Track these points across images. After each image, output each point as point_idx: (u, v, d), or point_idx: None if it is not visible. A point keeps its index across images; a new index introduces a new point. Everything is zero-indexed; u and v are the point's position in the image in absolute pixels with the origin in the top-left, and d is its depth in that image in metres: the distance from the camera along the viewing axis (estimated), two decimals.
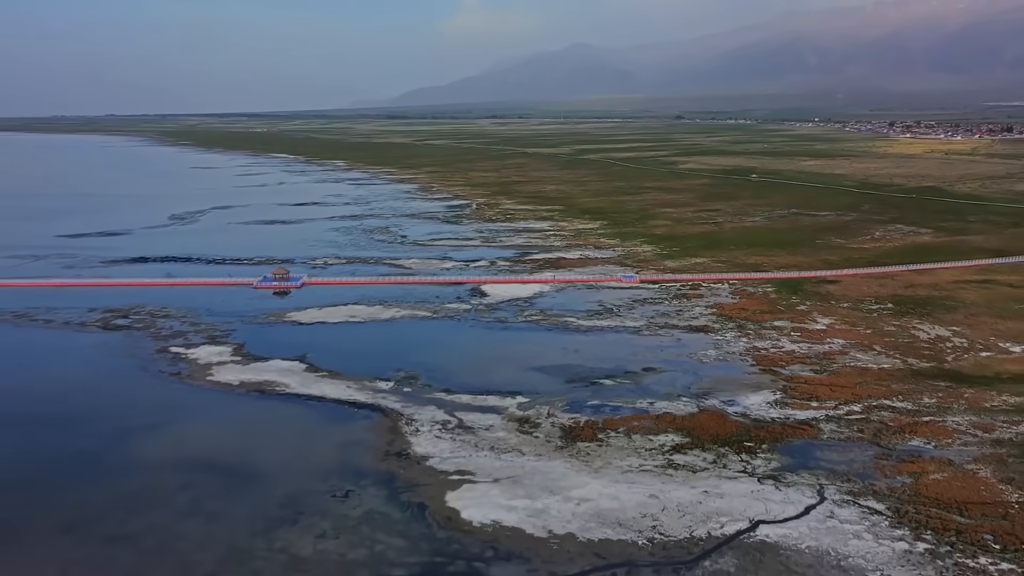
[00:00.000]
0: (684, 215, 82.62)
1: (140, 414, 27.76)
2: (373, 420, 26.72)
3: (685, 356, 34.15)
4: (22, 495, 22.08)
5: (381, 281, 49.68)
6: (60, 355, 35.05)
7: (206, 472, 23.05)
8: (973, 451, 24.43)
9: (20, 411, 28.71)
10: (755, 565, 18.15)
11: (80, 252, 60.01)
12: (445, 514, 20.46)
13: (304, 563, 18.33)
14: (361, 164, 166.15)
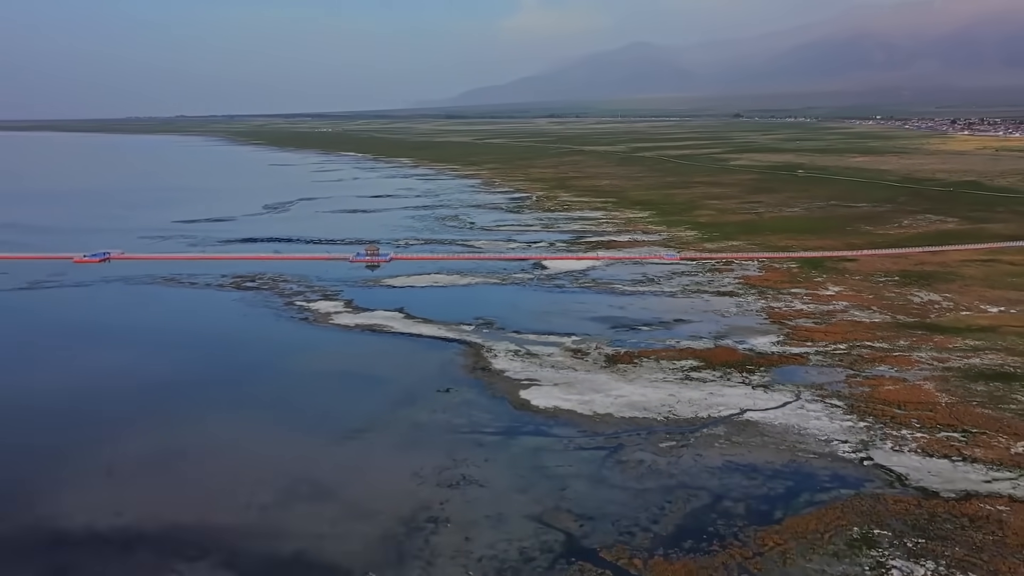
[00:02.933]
0: (728, 206, 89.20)
1: (287, 343, 36.55)
2: (461, 349, 34.90)
3: (710, 312, 41.55)
4: (211, 390, 30.80)
5: (456, 257, 58.08)
6: (211, 305, 44.19)
7: (346, 376, 31.56)
8: (925, 374, 31.40)
9: (198, 340, 37.80)
10: (739, 431, 25.68)
11: (196, 234, 69.92)
12: (519, 402, 28.46)
13: (423, 426, 26.44)
14: (426, 161, 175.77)
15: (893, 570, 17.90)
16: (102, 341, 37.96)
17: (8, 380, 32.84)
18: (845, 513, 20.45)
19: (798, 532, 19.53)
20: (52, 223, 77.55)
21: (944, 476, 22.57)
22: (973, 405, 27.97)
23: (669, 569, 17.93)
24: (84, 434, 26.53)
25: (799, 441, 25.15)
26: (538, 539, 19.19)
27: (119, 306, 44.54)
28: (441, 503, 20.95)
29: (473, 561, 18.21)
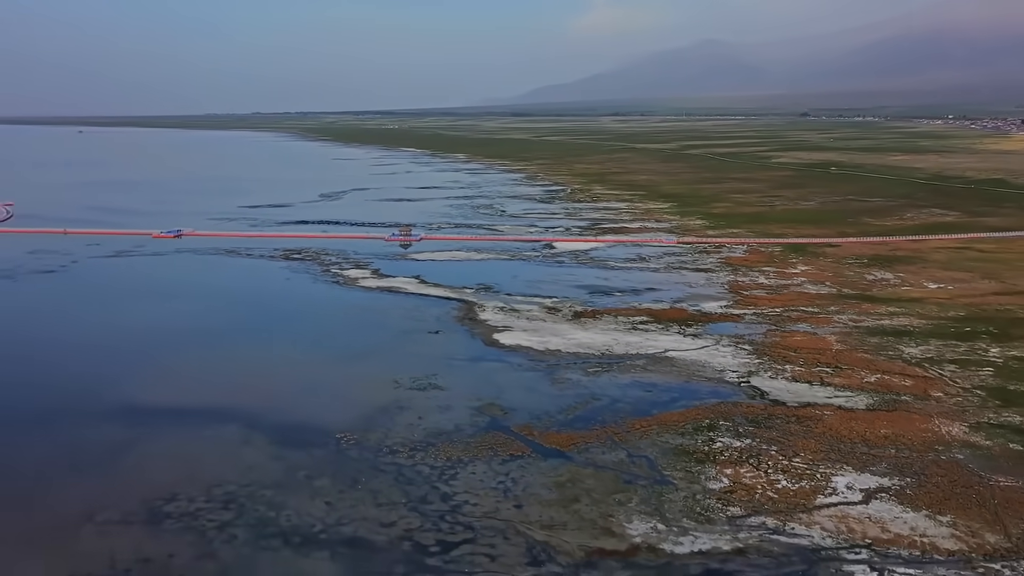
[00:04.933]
0: (747, 199, 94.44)
1: (318, 298, 44.77)
2: (458, 305, 42.39)
3: (681, 283, 48.08)
4: (255, 328, 38.96)
5: (478, 238, 65.65)
6: (262, 271, 52.74)
7: (361, 322, 39.48)
8: (835, 330, 37.46)
9: (249, 295, 46.36)
10: (654, 363, 32.46)
11: (258, 216, 79.19)
12: (491, 341, 35.79)
13: (411, 354, 33.99)
14: (479, 157, 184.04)
15: (717, 442, 24.62)
16: (172, 294, 46.85)
17: (101, 318, 41.64)
18: (704, 412, 27.18)
19: (662, 421, 26.36)
20: (136, 206, 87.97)
21: (797, 394, 29.02)
22: (857, 351, 34.08)
23: (556, 437, 25.02)
24: (159, 352, 34.99)
25: (699, 370, 31.82)
26: (471, 420, 26.50)
27: (187, 270, 53.54)
28: (408, 398, 28.45)
29: (419, 430, 25.63)
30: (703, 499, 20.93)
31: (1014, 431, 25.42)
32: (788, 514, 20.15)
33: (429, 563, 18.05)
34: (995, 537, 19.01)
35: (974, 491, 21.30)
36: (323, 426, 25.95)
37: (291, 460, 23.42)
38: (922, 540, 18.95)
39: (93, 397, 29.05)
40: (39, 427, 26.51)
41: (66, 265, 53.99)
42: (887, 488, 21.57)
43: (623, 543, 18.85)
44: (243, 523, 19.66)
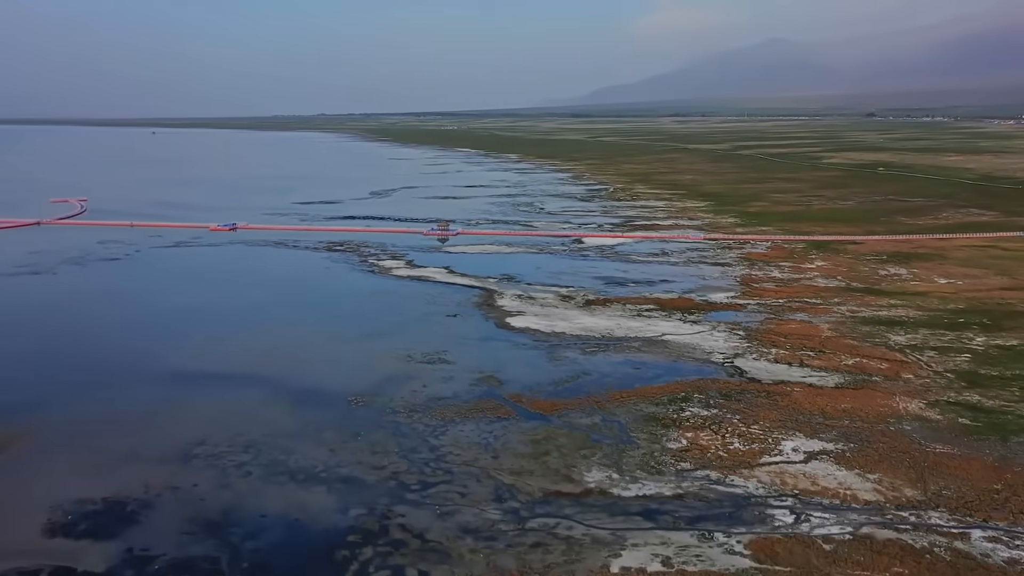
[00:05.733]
0: (786, 199, 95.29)
1: (353, 284, 48.45)
2: (479, 292, 45.48)
3: (696, 276, 50.26)
4: (294, 307, 42.71)
5: (511, 233, 68.69)
6: (305, 260, 56.74)
7: (388, 304, 42.82)
8: (831, 319, 39.32)
9: (291, 280, 50.35)
10: (649, 345, 34.96)
11: (309, 212, 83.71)
12: (503, 323, 38.73)
13: (428, 333, 37.11)
14: (531, 157, 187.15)
15: (687, 411, 27.13)
16: (220, 279, 51.18)
17: (155, 298, 45.93)
18: (682, 386, 29.67)
19: (641, 392, 28.97)
20: (199, 202, 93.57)
21: (774, 373, 31.24)
22: (845, 338, 35.98)
23: (542, 403, 27.86)
24: (203, 326, 39.02)
25: (688, 351, 34.24)
26: (468, 389, 29.53)
27: (238, 258, 57.93)
28: (417, 370, 31.63)
29: (421, 396, 28.77)
30: (659, 456, 23.57)
31: (967, 407, 27.30)
32: (732, 469, 22.65)
33: (408, 497, 21.13)
34: (913, 492, 21.22)
35: (908, 456, 23.44)
36: (338, 391, 29.30)
37: (305, 417, 26.81)
38: (845, 492, 21.27)
39: (145, 363, 33.04)
40: (98, 387, 30.47)
41: (130, 254, 58.94)
42: (829, 451, 23.86)
43: (578, 487, 21.64)
44: (257, 463, 23.05)
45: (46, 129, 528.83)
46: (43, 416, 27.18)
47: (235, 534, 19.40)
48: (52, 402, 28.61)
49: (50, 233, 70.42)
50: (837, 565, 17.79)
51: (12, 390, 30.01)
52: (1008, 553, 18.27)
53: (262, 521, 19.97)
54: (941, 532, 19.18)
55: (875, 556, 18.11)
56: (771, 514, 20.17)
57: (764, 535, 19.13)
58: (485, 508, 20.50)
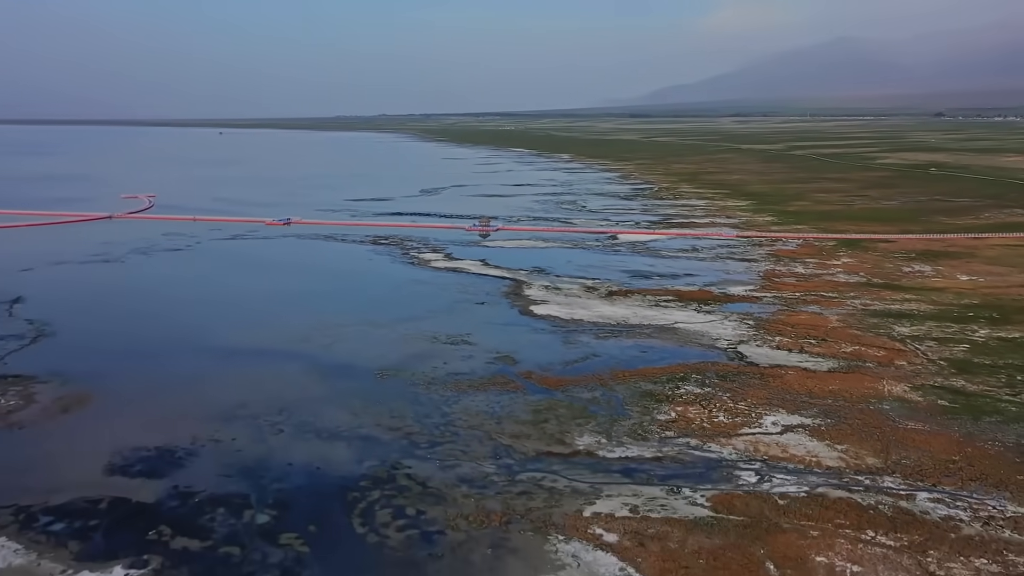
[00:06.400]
0: (829, 199, 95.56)
1: (393, 274, 51.61)
2: (509, 282, 48.15)
3: (720, 270, 52.03)
4: (338, 294, 46.00)
5: (549, 229, 71.20)
6: (351, 252, 60.25)
7: (422, 292, 45.76)
8: (841, 312, 40.82)
9: (337, 270, 53.81)
10: (660, 331, 37.12)
11: (359, 208, 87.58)
12: (527, 311, 41.28)
13: (455, 318, 39.87)
14: (582, 157, 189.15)
15: (682, 389, 29.33)
16: (271, 268, 54.88)
17: (211, 284, 49.74)
18: (682, 367, 31.82)
19: (643, 372, 31.23)
20: (258, 198, 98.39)
21: (773, 358, 33.13)
22: (851, 328, 37.54)
23: (549, 379, 30.35)
24: (252, 307, 42.57)
25: (696, 338, 36.31)
26: (484, 366, 32.20)
27: (288, 250, 61.78)
28: (440, 350, 34.42)
29: (441, 371, 31.54)
30: (647, 425, 25.90)
31: (949, 391, 28.89)
32: (711, 438, 24.86)
33: (416, 453, 23.92)
34: (874, 460, 23.15)
35: (879, 430, 25.30)
36: (367, 366, 32.29)
37: (336, 387, 29.85)
38: (810, 459, 23.31)
39: (198, 339, 36.62)
40: (156, 359, 34.07)
41: (191, 245, 63.32)
42: (805, 425, 25.86)
43: (568, 448, 24.15)
44: (289, 423, 26.14)
45: (123, 130, 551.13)
46: (106, 382, 30.77)
47: (265, 477, 22.43)
48: (114, 371, 32.24)
49: (120, 226, 75.51)
50: (786, 516, 19.96)
51: (80, 360, 33.74)
52: (946, 512, 20.17)
53: (288, 468, 22.98)
54: (890, 493, 21.15)
55: (822, 510, 20.21)
56: (737, 475, 22.37)
57: (726, 491, 21.37)
58: (482, 463, 23.16)
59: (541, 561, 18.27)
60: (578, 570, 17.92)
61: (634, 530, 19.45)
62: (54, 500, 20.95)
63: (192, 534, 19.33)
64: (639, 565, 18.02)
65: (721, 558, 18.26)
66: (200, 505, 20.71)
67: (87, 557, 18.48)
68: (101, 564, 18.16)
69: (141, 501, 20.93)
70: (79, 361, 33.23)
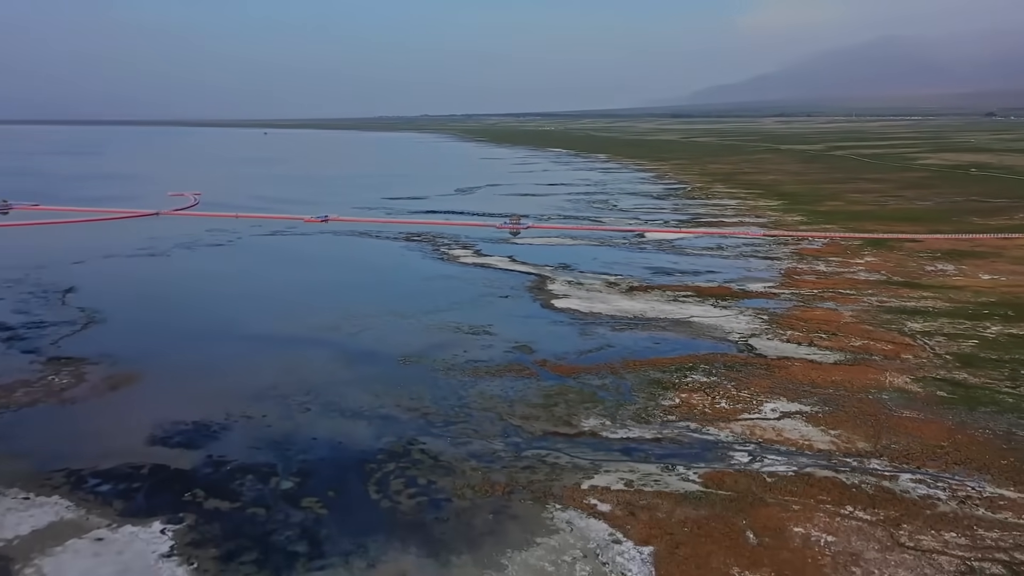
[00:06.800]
0: (863, 199, 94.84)
1: (423, 269, 53.37)
2: (534, 277, 49.60)
3: (742, 268, 52.79)
4: (369, 286, 47.98)
5: (578, 227, 72.38)
6: (384, 248, 62.23)
7: (449, 286, 47.50)
8: (856, 308, 41.48)
9: (370, 264, 55.75)
10: (675, 325, 38.30)
11: (395, 207, 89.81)
12: (548, 304, 42.72)
13: (479, 310, 41.50)
14: (619, 157, 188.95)
15: (689, 378, 30.61)
16: (307, 262, 57.07)
17: (249, 276, 52.12)
18: (693, 358, 33.01)
19: (654, 362, 32.50)
20: (298, 196, 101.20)
21: (782, 351, 34.14)
22: (863, 324, 38.26)
23: (562, 367, 31.78)
24: (287, 298, 44.64)
25: (710, 331, 37.42)
26: (502, 354, 33.78)
27: (324, 245, 64.11)
28: (462, 339, 36.07)
29: (461, 358, 33.21)
30: (651, 410, 27.29)
31: (950, 383, 29.71)
32: (710, 422, 26.16)
33: (432, 431, 25.63)
34: (864, 444, 24.27)
35: (874, 418, 26.35)
36: (392, 353, 34.07)
37: (360, 372, 31.68)
38: (803, 442, 24.52)
39: (235, 327, 38.77)
40: (195, 344, 36.28)
41: (232, 240, 65.98)
42: (803, 412, 27.01)
43: (573, 429, 25.67)
44: (315, 403, 28.05)
45: (171, 130, 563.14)
46: (150, 364, 32.96)
47: (290, 449, 24.39)
48: (157, 354, 34.46)
49: (166, 222, 78.67)
50: (771, 492, 21.28)
51: (127, 344, 36.10)
52: (925, 491, 21.34)
53: (312, 442, 24.89)
54: (874, 474, 22.31)
55: (807, 487, 21.48)
56: (731, 455, 23.67)
57: (718, 469, 22.69)
58: (492, 441, 24.80)
59: (538, 526, 19.83)
60: (571, 534, 19.46)
61: (627, 501, 20.91)
62: (101, 466, 23.07)
63: (223, 496, 21.30)
64: (627, 531, 19.49)
65: (705, 527, 19.64)
66: (231, 472, 22.69)
67: (129, 514, 20.51)
68: (142, 520, 20.18)
69: (178, 468, 22.96)
70: (126, 345, 35.57)
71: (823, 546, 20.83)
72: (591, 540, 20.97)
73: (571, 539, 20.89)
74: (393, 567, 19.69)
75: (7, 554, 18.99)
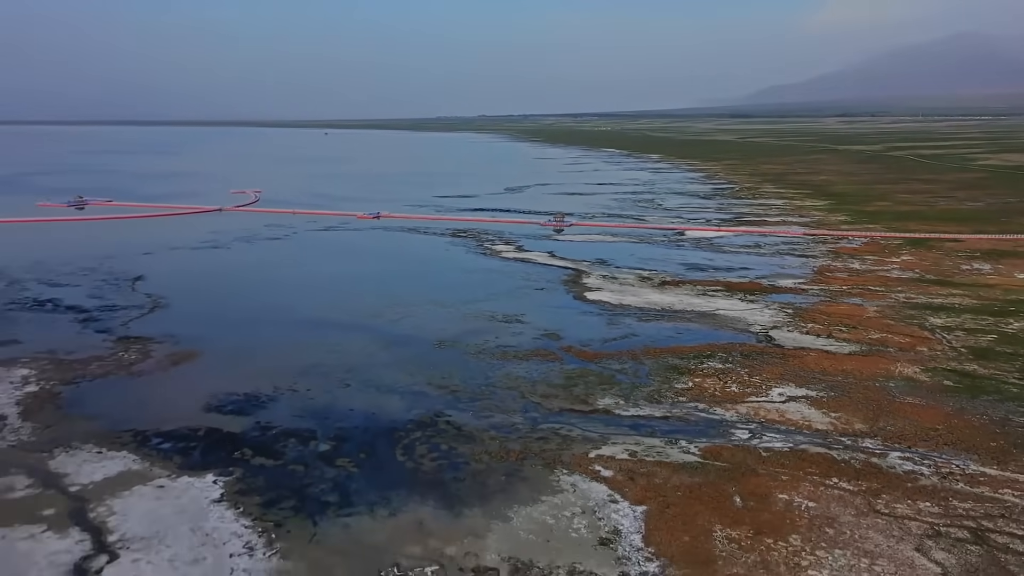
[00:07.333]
0: (912, 199, 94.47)
1: (467, 262, 55.94)
2: (571, 272, 51.67)
3: (775, 265, 54.01)
4: (415, 277, 50.62)
5: (620, 225, 74.18)
6: (431, 243, 65.01)
7: (489, 279, 49.82)
8: (882, 304, 42.48)
9: (416, 257, 58.56)
10: (700, 316, 39.93)
11: (444, 204, 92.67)
12: (581, 296, 44.72)
13: (515, 299, 43.72)
14: (671, 157, 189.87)
15: (705, 364, 32.29)
16: (358, 255, 60.07)
17: (304, 267, 55.16)
18: (712, 347, 34.67)
19: (674, 350, 34.25)
20: (353, 194, 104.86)
21: (800, 342, 35.52)
22: (886, 319, 39.33)
23: (586, 353, 33.79)
24: (337, 288, 47.63)
25: (732, 322, 38.95)
26: (531, 341, 35.90)
27: (374, 241, 67.11)
28: (495, 327, 38.32)
29: (492, 343, 35.45)
30: (663, 392, 29.10)
31: (959, 374, 30.81)
32: (718, 403, 27.88)
33: (458, 405, 27.89)
34: (861, 426, 25.72)
35: (876, 403, 27.73)
36: (428, 338, 36.52)
37: (398, 354, 34.15)
38: (803, 422, 26.07)
39: (286, 313, 41.75)
40: (250, 327, 39.25)
41: (288, 235, 69.53)
42: (808, 396, 28.51)
43: (588, 407, 27.66)
44: (354, 379, 30.56)
45: (237, 130, 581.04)
46: (208, 343, 36.00)
47: (329, 418, 26.91)
48: (216, 335, 37.55)
49: (228, 218, 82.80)
50: (764, 464, 22.98)
51: (188, 326, 39.26)
52: (911, 467, 22.77)
53: (349, 412, 27.39)
54: (864, 451, 23.82)
55: (798, 461, 23.12)
56: (733, 432, 25.40)
57: (718, 444, 24.47)
58: (512, 415, 26.96)
59: (545, 486, 21.96)
60: (574, 494, 21.53)
61: (628, 469, 22.88)
62: (163, 428, 25.97)
63: (268, 455, 23.92)
64: (624, 493, 21.48)
65: (696, 491, 21.50)
66: (276, 436, 25.32)
67: (187, 467, 23.28)
68: (197, 472, 22.93)
69: (230, 431, 25.70)
70: (188, 327, 38.79)
71: (803, 510, 22.49)
72: (591, 499, 23.02)
73: (573, 498, 22.98)
74: (412, 516, 22.06)
75: (84, 496, 21.96)
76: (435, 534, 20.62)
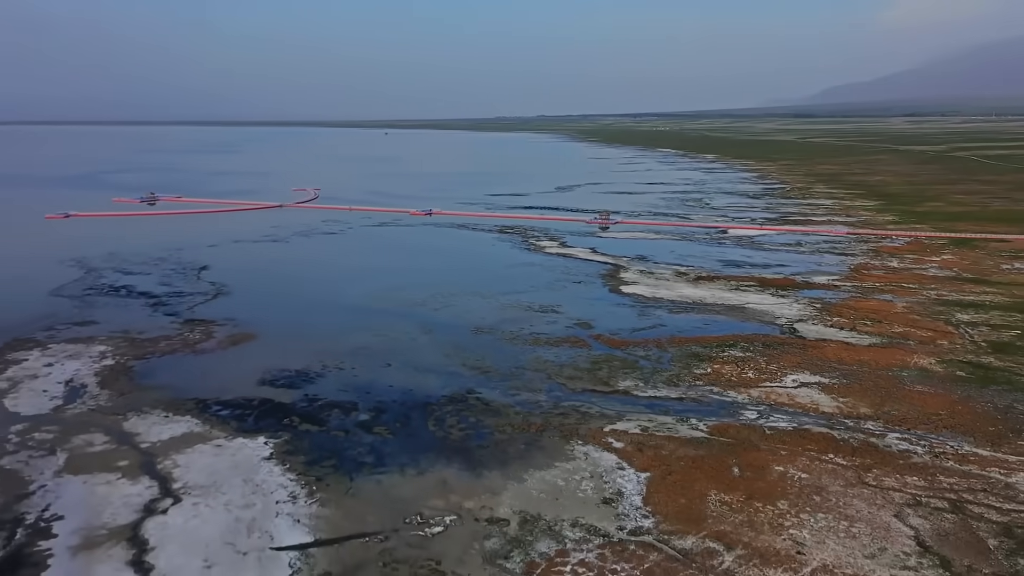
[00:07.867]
0: (967, 200, 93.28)
1: (510, 257, 58.19)
2: (609, 267, 53.48)
3: (812, 263, 54.89)
4: (459, 270, 53.07)
5: (664, 223, 75.53)
6: (478, 239, 67.45)
7: (531, 273, 51.96)
8: (911, 300, 43.25)
9: (463, 252, 61.09)
10: (730, 310, 41.38)
11: (495, 202, 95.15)
12: (616, 290, 46.55)
13: (553, 292, 45.83)
14: (727, 157, 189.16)
15: (725, 353, 33.88)
16: (409, 249, 62.90)
17: (357, 260, 58.10)
18: (735, 337, 36.19)
19: (698, 339, 35.88)
20: (408, 192, 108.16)
21: (823, 334, 36.77)
22: (913, 314, 40.20)
23: (614, 341, 35.68)
24: (387, 279, 50.40)
25: (760, 315, 40.34)
26: (563, 329, 37.95)
27: (425, 236, 69.89)
28: (531, 316, 40.48)
29: (526, 331, 37.64)
30: (682, 376, 30.89)
31: (974, 366, 31.80)
32: (732, 387, 29.57)
33: (488, 384, 30.17)
34: (866, 409, 27.15)
35: (885, 390, 29.05)
36: (466, 325, 38.90)
37: (437, 338, 36.59)
38: (811, 406, 27.61)
39: (338, 300, 44.61)
40: (305, 313, 42.17)
41: (343, 230, 72.84)
42: (820, 383, 29.96)
43: (609, 388, 29.64)
44: (396, 360, 33.08)
45: (300, 130, 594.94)
46: (265, 326, 38.99)
47: (370, 392, 29.46)
48: (273, 319, 40.56)
49: (288, 214, 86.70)
50: (767, 441, 24.70)
51: (248, 311, 42.36)
52: (907, 446, 24.23)
53: (388, 388, 29.90)
54: (864, 432, 25.31)
55: (799, 439, 24.77)
56: (742, 413, 27.11)
57: (726, 423, 26.24)
58: (537, 394, 29.13)
59: (560, 454, 24.07)
60: (585, 462, 23.60)
61: (638, 441, 24.84)
62: (222, 397, 28.85)
63: (313, 422, 26.56)
64: (632, 461, 23.46)
65: (699, 462, 23.36)
66: (321, 406, 27.97)
67: (241, 431, 26.05)
68: (251, 435, 25.68)
69: (281, 402, 28.44)
70: (247, 311, 41.97)
71: (795, 480, 24.12)
72: (600, 466, 25.04)
73: (584, 465, 25.05)
74: (437, 475, 24.44)
75: (152, 451, 24.95)
76: (456, 491, 22.93)
